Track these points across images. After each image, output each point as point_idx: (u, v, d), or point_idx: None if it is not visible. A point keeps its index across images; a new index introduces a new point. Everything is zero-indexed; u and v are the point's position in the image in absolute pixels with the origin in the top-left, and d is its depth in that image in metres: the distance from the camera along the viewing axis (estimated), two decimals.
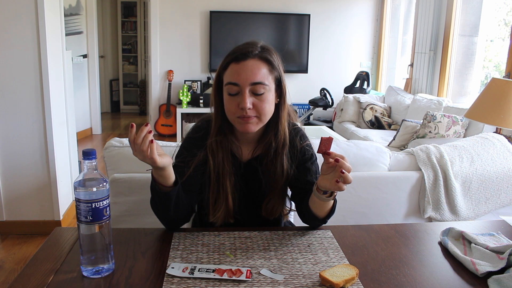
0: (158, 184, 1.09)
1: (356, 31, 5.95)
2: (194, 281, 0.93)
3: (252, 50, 1.15)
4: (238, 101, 1.14)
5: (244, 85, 1.12)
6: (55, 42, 2.78)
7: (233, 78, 1.13)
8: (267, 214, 1.26)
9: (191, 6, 5.63)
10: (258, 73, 1.13)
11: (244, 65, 1.13)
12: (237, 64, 1.14)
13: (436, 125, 3.46)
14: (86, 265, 0.94)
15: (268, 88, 1.15)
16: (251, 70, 1.13)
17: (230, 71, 1.15)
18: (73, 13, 5.28)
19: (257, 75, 1.13)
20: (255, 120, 1.16)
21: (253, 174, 1.25)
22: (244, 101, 1.12)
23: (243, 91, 1.13)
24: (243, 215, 1.26)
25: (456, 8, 4.16)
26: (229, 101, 1.15)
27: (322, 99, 5.29)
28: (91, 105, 5.80)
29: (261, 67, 1.14)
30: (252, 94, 1.14)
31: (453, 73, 4.32)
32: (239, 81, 1.13)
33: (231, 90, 1.14)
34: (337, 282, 0.90)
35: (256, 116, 1.16)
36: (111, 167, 1.75)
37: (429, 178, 1.87)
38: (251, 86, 1.13)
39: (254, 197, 1.27)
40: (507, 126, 2.23)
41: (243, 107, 1.12)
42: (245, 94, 1.12)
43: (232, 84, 1.13)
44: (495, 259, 1.01)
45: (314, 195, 1.12)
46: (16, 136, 2.67)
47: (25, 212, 2.78)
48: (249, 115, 1.14)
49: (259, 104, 1.14)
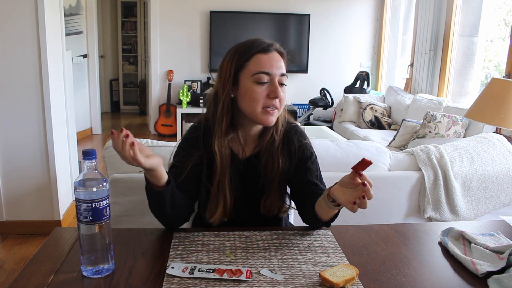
0: (151, 184, 1.08)
1: (356, 31, 5.95)
2: (194, 281, 0.93)
3: (273, 43, 1.19)
4: (267, 91, 1.15)
5: (276, 74, 1.15)
6: (55, 42, 2.78)
7: (265, 67, 1.15)
8: (266, 211, 1.26)
9: (191, 6, 5.63)
10: (283, 65, 1.18)
11: (273, 56, 1.17)
12: (265, 54, 1.16)
13: (436, 125, 3.46)
14: (86, 265, 0.94)
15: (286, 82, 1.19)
16: (279, 61, 1.17)
17: (258, 61, 1.16)
18: (73, 13, 5.28)
19: (283, 67, 1.18)
20: (277, 113, 1.19)
21: (251, 172, 1.26)
22: (278, 90, 1.14)
23: (274, 80, 1.15)
24: (239, 214, 1.26)
25: (456, 8, 4.17)
26: (257, 91, 1.15)
27: (322, 99, 5.29)
28: (91, 105, 5.80)
29: (282, 59, 1.19)
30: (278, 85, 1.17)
31: (453, 73, 4.32)
32: (271, 70, 1.15)
33: (261, 79, 1.15)
34: (337, 282, 0.90)
35: (277, 109, 1.18)
36: (111, 167, 1.75)
37: (429, 178, 1.88)
38: (280, 77, 1.16)
39: (251, 195, 1.27)
40: (507, 126, 2.23)
41: (276, 95, 1.14)
42: (277, 84, 1.15)
43: (264, 73, 1.14)
44: (495, 259, 1.01)
45: (323, 200, 1.08)
46: (16, 136, 2.67)
47: (25, 212, 2.78)
48: (277, 105, 1.16)
49: (283, 96, 1.17)
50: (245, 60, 1.17)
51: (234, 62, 1.18)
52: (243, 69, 1.17)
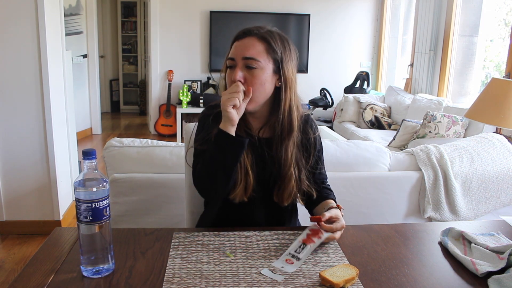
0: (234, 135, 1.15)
1: (356, 31, 5.95)
2: (194, 281, 0.93)
3: (253, 30, 1.22)
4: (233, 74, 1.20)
5: (238, 58, 1.19)
6: (55, 42, 2.78)
7: (231, 53, 1.21)
8: (278, 200, 1.27)
9: (191, 6, 5.63)
10: (252, 49, 1.19)
11: (242, 41, 1.21)
12: (238, 41, 1.22)
13: (436, 125, 3.46)
14: (86, 265, 0.94)
15: (261, 66, 1.19)
16: (245, 46, 1.20)
17: (232, 48, 1.23)
18: (73, 13, 5.28)
19: (250, 50, 1.19)
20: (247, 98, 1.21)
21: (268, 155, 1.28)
22: (235, 73, 1.18)
23: (236, 65, 1.19)
24: (259, 193, 1.26)
25: (456, 8, 4.17)
26: (227, 76, 1.23)
27: (322, 99, 5.29)
28: (91, 105, 5.80)
29: (256, 44, 1.20)
30: (245, 68, 1.19)
31: (453, 73, 4.32)
32: (234, 55, 1.20)
33: (228, 64, 1.22)
34: (337, 282, 0.90)
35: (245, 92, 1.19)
36: (111, 167, 1.76)
37: (429, 178, 1.88)
38: (244, 61, 1.18)
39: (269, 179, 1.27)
40: (507, 126, 2.23)
41: (234, 79, 1.18)
42: (237, 68, 1.19)
43: (230, 59, 1.21)
44: (495, 259, 1.01)
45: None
46: (16, 136, 2.67)
47: (25, 212, 2.78)
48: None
49: (250, 78, 1.18)
50: (229, 50, 1.24)
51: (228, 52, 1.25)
52: None
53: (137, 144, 1.80)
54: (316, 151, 1.32)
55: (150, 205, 1.73)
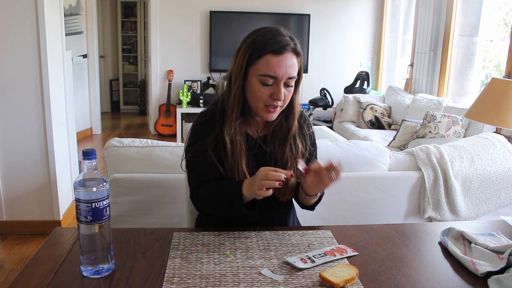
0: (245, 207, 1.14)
1: (356, 31, 5.95)
2: (194, 281, 0.93)
3: (288, 43, 1.17)
4: (271, 91, 1.17)
5: (282, 79, 1.16)
6: (55, 42, 2.78)
7: (272, 71, 1.15)
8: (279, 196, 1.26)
9: (191, 6, 5.63)
10: (294, 68, 1.17)
11: (283, 59, 1.16)
12: (276, 57, 1.15)
13: (436, 125, 3.46)
14: (86, 265, 0.94)
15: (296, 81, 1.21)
16: (289, 65, 1.16)
17: (267, 62, 1.15)
18: (73, 13, 5.28)
19: (293, 70, 1.17)
20: (279, 110, 1.22)
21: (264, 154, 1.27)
22: (280, 94, 1.16)
23: (279, 84, 1.16)
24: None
25: (456, 8, 4.17)
26: (261, 91, 1.18)
27: (322, 99, 5.28)
28: (91, 105, 5.80)
29: (295, 61, 1.18)
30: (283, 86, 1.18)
31: (453, 73, 4.32)
32: (278, 75, 1.15)
33: (267, 81, 1.17)
34: (337, 282, 0.90)
35: (281, 106, 1.21)
36: (111, 167, 1.75)
37: (429, 178, 1.87)
38: (286, 80, 1.17)
39: None
40: (507, 126, 2.23)
41: (278, 99, 1.17)
42: (281, 87, 1.17)
43: (270, 77, 1.16)
44: (495, 259, 1.01)
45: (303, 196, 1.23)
46: (16, 136, 2.67)
47: (25, 212, 2.78)
48: (277, 105, 1.19)
49: (287, 95, 1.19)
50: (256, 57, 1.17)
51: (247, 56, 1.18)
52: (253, 65, 1.18)
53: (137, 144, 1.79)
54: (311, 145, 1.34)
55: (150, 205, 1.73)
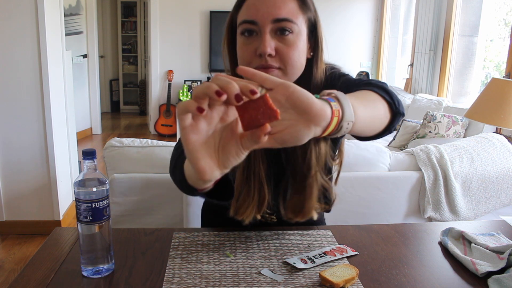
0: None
1: (356, 31, 5.95)
2: (194, 281, 0.93)
3: None
4: (255, 46, 0.86)
5: (264, 22, 0.85)
6: (55, 42, 2.78)
7: (249, 13, 0.86)
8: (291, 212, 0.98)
9: (191, 6, 5.63)
10: (284, 7, 0.85)
11: None
12: None
13: (436, 125, 3.46)
14: (86, 265, 0.94)
15: (297, 29, 0.87)
16: (273, 3, 0.85)
17: (246, 6, 0.88)
18: (73, 13, 5.27)
19: (281, 9, 0.85)
20: (278, 74, 0.87)
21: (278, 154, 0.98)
22: (264, 43, 0.84)
23: (262, 30, 0.85)
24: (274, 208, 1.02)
25: (456, 8, 4.17)
26: (243, 47, 0.88)
27: None
28: (91, 105, 5.80)
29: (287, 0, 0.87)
30: (275, 36, 0.86)
31: (453, 73, 4.32)
32: (257, 17, 0.85)
33: (248, 32, 0.87)
34: (337, 282, 0.90)
35: (280, 68, 0.87)
36: (111, 167, 1.76)
37: (429, 178, 1.88)
38: (274, 24, 0.85)
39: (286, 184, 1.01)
40: (507, 126, 2.23)
41: (262, 52, 0.84)
42: (265, 35, 0.84)
43: (248, 22, 0.86)
44: (495, 259, 1.01)
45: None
46: (16, 136, 2.67)
47: (25, 212, 2.78)
48: (269, 64, 0.86)
49: (285, 49, 0.86)
50: (236, 10, 0.91)
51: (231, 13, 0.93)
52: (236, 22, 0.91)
53: (137, 144, 1.80)
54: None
55: (150, 205, 1.73)
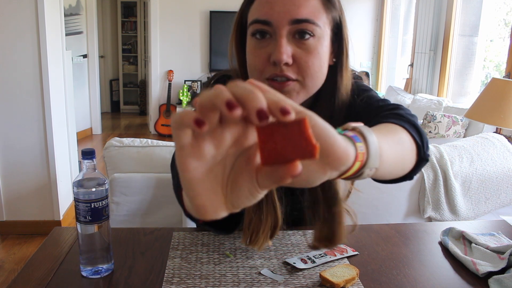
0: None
1: (356, 31, 5.95)
2: (194, 281, 0.93)
3: None
4: (268, 51, 0.72)
5: (280, 22, 0.70)
6: (55, 42, 2.78)
7: (263, 11, 0.71)
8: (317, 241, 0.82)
9: (191, 6, 5.63)
10: (305, 5, 0.70)
11: None
12: None
13: (436, 125, 3.46)
14: (85, 265, 0.94)
15: (319, 32, 0.73)
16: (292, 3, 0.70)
17: (259, 2, 0.73)
18: (73, 13, 5.27)
19: (302, 7, 0.70)
20: (295, 87, 0.74)
21: None
22: (279, 49, 0.69)
23: (277, 33, 0.71)
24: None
25: (456, 8, 4.17)
26: (254, 52, 0.74)
27: None
28: (91, 105, 5.80)
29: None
30: (292, 39, 0.72)
31: (453, 73, 4.32)
32: (272, 17, 0.70)
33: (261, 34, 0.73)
34: (338, 282, 0.90)
35: (297, 80, 0.73)
36: (111, 167, 1.75)
37: (429, 178, 1.87)
38: (292, 26, 0.71)
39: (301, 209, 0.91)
40: (507, 126, 2.23)
41: (277, 60, 0.70)
42: (281, 39, 0.70)
43: (260, 22, 0.71)
44: (495, 259, 1.01)
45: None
46: (16, 136, 2.67)
47: (25, 212, 2.78)
48: (285, 74, 0.72)
49: (304, 57, 0.72)
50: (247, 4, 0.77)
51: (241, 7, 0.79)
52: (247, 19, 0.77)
53: (137, 144, 1.79)
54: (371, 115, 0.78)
55: (150, 205, 1.73)
